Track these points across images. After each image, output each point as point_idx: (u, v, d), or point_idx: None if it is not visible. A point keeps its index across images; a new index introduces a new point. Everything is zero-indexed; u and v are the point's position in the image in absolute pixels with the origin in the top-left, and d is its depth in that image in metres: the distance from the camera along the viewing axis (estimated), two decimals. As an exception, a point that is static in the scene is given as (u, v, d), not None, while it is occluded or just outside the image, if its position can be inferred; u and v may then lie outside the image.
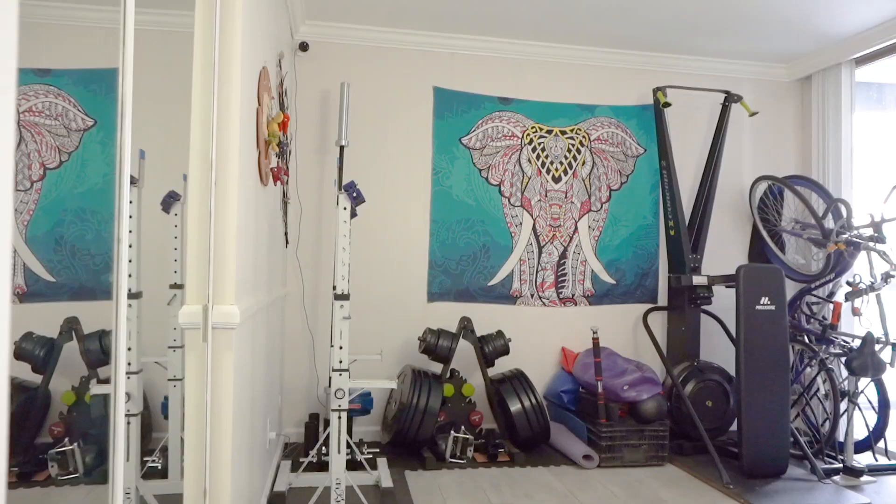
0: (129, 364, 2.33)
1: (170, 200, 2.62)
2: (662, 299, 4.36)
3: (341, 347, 2.65)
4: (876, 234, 3.58)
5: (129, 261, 2.34)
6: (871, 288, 3.54)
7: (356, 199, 2.60)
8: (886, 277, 3.52)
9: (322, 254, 3.95)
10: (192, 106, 1.92)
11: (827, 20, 3.73)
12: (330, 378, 2.73)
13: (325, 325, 3.95)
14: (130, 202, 2.34)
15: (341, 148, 3.56)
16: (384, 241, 4.03)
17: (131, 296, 2.33)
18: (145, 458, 2.73)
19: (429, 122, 4.09)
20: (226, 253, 1.96)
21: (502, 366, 4.12)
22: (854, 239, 3.60)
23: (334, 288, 2.67)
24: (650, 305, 4.35)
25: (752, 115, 4.17)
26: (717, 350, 4.38)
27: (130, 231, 2.30)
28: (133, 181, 2.35)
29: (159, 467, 2.75)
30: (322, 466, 3.27)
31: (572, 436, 3.75)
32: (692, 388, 3.79)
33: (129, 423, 2.31)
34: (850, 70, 4.15)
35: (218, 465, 1.95)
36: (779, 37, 4.00)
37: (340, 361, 2.65)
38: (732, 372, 4.05)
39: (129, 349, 2.30)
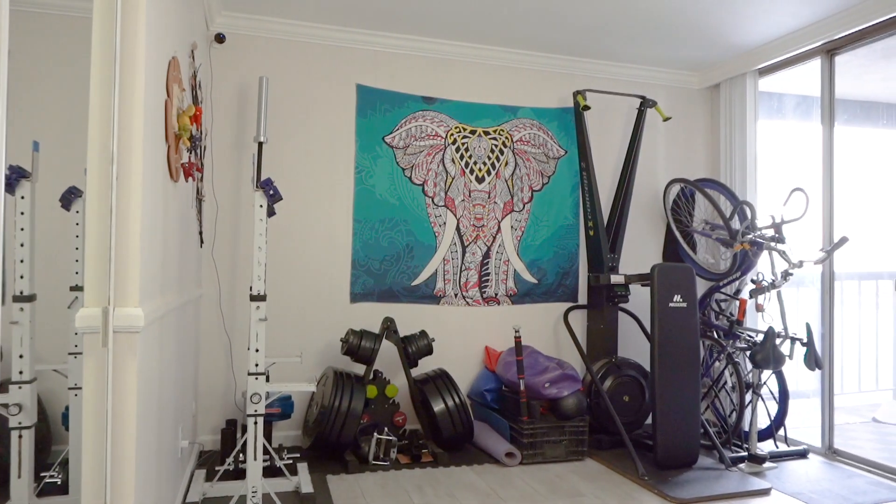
0: (20, 372, 2.15)
1: (70, 196, 2.45)
2: (582, 298, 4.47)
3: (258, 350, 2.56)
4: (777, 235, 3.80)
5: (21, 261, 2.17)
6: (773, 285, 3.76)
7: (273, 196, 2.51)
8: (786, 275, 3.74)
9: (239, 254, 3.81)
10: (91, 95, 1.80)
11: (734, 32, 3.93)
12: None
13: (243, 327, 3.82)
14: (22, 198, 2.17)
15: (259, 144, 3.44)
16: (305, 241, 3.94)
17: (23, 298, 2.16)
18: (43, 474, 2.54)
19: (351, 119, 4.02)
20: (129, 252, 1.84)
21: (426, 366, 4.11)
22: (757, 239, 3.80)
23: (251, 289, 2.58)
24: (571, 304, 4.45)
25: (666, 119, 4.35)
26: (634, 346, 4.54)
27: (22, 229, 2.13)
28: (25, 175, 2.18)
29: (59, 482, 2.57)
30: (239, 474, 3.15)
31: (495, 434, 3.78)
32: (610, 384, 3.91)
33: (21, 436, 2.14)
34: (754, 80, 4.39)
35: (120, 477, 1.83)
36: (691, 46, 4.19)
37: (257, 365, 2.56)
38: (648, 367, 4.21)
39: (21, 356, 2.13)
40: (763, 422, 4.00)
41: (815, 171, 4.01)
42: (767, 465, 3.62)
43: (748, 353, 3.77)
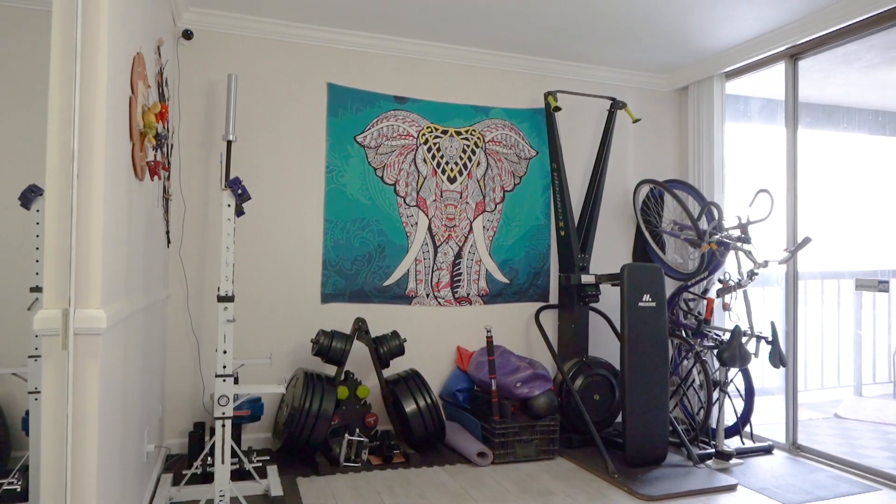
0: (-23, 376, 2.08)
1: (30, 195, 2.39)
2: (554, 298, 4.50)
3: (225, 352, 2.51)
4: (743, 235, 3.88)
5: (-23, 261, 2.09)
6: (739, 285, 3.83)
7: (241, 196, 2.47)
8: (751, 275, 3.81)
9: (207, 254, 3.75)
10: (50, 90, 1.75)
11: (701, 36, 4.00)
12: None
13: (211, 328, 3.75)
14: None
15: (228, 143, 3.40)
16: (276, 241, 3.89)
17: (-20, 300, 2.09)
18: (1, 481, 2.46)
19: (322, 118, 3.99)
20: (90, 252, 1.80)
21: (398, 366, 4.09)
22: (724, 239, 3.87)
23: (219, 290, 2.54)
24: (542, 304, 4.48)
25: (636, 121, 4.40)
26: (605, 346, 4.59)
27: (-22, 228, 2.06)
28: (-18, 172, 2.11)
29: (18, 490, 2.50)
30: (207, 478, 3.10)
31: (467, 434, 3.78)
32: (581, 383, 3.94)
33: (-23, 442, 2.07)
34: (721, 83, 4.47)
35: (81, 484, 1.79)
36: (659, 49, 4.24)
37: (224, 367, 2.52)
38: (618, 366, 4.25)
39: (-22, 360, 2.06)
40: (730, 419, 4.08)
41: (779, 173, 4.10)
42: (734, 461, 3.69)
43: (715, 351, 3.83)
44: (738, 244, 3.84)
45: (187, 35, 3.66)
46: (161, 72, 3.01)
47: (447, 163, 4.24)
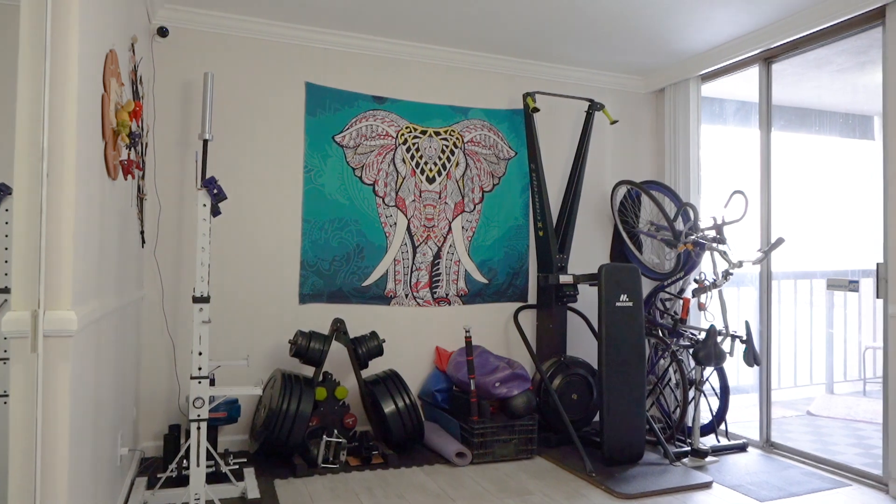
0: (-58, 380, 2.03)
1: (-1, 194, 2.34)
2: (532, 298, 4.52)
3: (201, 353, 2.48)
4: (718, 236, 3.93)
5: (-57, 262, 2.05)
6: (714, 285, 3.88)
7: (217, 195, 2.45)
8: (726, 275, 3.87)
9: (183, 254, 3.71)
10: (19, 87, 1.71)
11: (677, 39, 4.04)
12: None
13: (187, 329, 3.71)
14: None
15: (204, 142, 3.36)
16: (253, 242, 3.85)
17: (-54, 302, 2.04)
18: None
19: (300, 118, 3.96)
20: (60, 252, 1.76)
21: (377, 367, 4.08)
22: (700, 240, 3.92)
23: (194, 290, 2.50)
24: (521, 304, 4.49)
25: (613, 122, 4.44)
26: (583, 345, 4.62)
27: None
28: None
29: (-14, 495, 2.44)
30: (182, 481, 3.06)
31: (446, 434, 3.78)
32: (559, 383, 3.96)
33: (-57, 447, 2.02)
34: (696, 85, 4.53)
35: (52, 489, 1.75)
36: (637, 52, 4.28)
37: (200, 368, 2.49)
38: (596, 366, 4.28)
39: (-57, 363, 2.01)
40: (706, 417, 4.13)
41: (753, 175, 4.16)
42: (709, 459, 3.74)
43: (691, 350, 3.88)
44: (714, 245, 3.89)
45: (162, 32, 3.61)
46: (135, 69, 2.97)
47: (426, 163, 4.24)
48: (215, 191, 2.45)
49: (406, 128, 4.19)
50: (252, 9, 3.66)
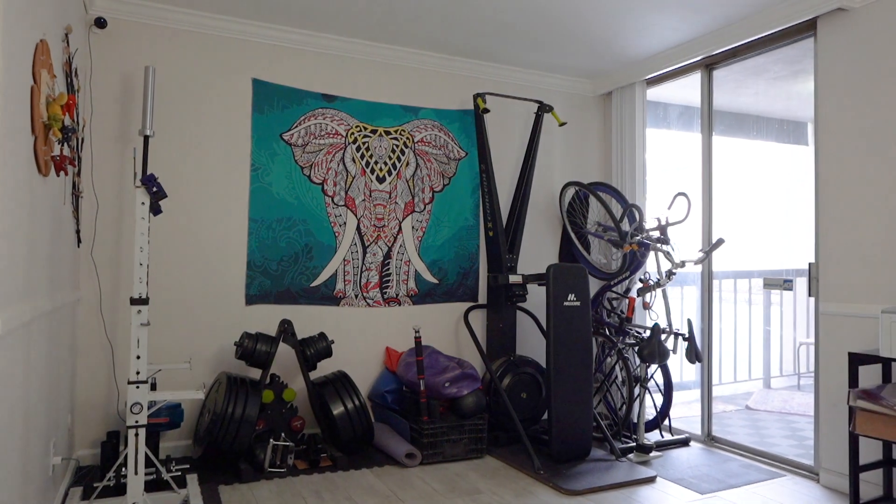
0: None
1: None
2: (482, 298, 4.54)
3: (139, 357, 2.40)
4: (662, 237, 4.03)
5: None
6: (658, 284, 3.98)
7: (156, 193, 2.36)
8: (669, 274, 3.97)
9: (123, 254, 3.57)
10: (-62, 77, 1.61)
11: (623, 44, 4.13)
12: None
13: (127, 333, 3.58)
14: None
15: (145, 138, 3.24)
16: (197, 241, 3.75)
17: None
18: None
19: (247, 115, 3.87)
20: (-16, 252, 1.67)
21: (326, 368, 4.03)
22: (645, 240, 4.02)
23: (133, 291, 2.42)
24: (471, 304, 4.51)
25: (562, 124, 4.50)
26: (532, 345, 4.67)
27: None
28: None
29: None
30: (120, 490, 2.95)
31: (396, 435, 3.76)
32: (508, 382, 3.99)
33: None
34: (642, 90, 4.63)
35: (-26, 501, 1.66)
36: (584, 55, 4.36)
37: (138, 372, 2.40)
38: (545, 364, 4.33)
39: None
40: (651, 413, 4.23)
41: (696, 177, 4.29)
42: (654, 454, 3.83)
43: (636, 348, 3.97)
44: (658, 245, 3.99)
45: (100, 23, 3.47)
46: (69, 61, 2.84)
47: (376, 162, 4.21)
48: (155, 189, 2.37)
49: (356, 127, 4.15)
50: (196, 1, 3.56)
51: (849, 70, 3.30)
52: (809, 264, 3.48)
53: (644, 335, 4.09)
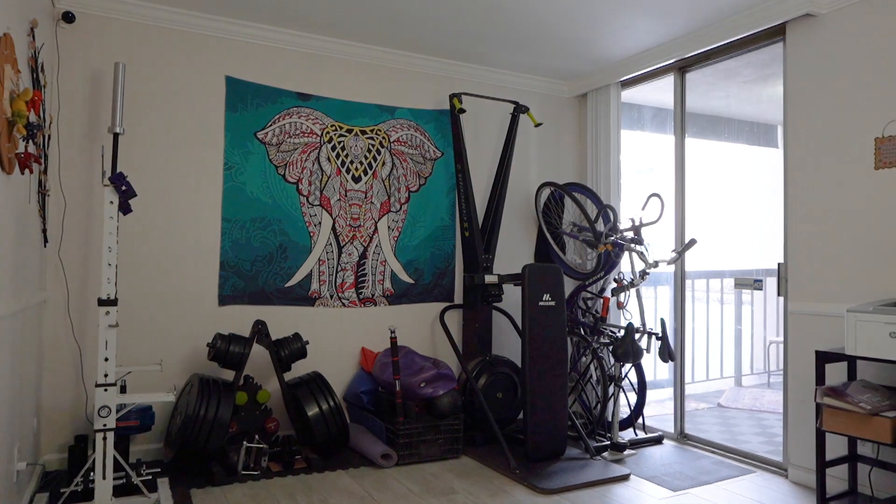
0: None
1: None
2: (458, 298, 4.54)
3: (107, 359, 2.35)
4: (636, 237, 4.07)
5: None
6: (632, 284, 4.02)
7: (126, 192, 2.32)
8: (643, 274, 4.01)
9: (91, 254, 3.50)
10: None
11: (598, 46, 4.16)
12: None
13: (96, 334, 3.50)
14: None
15: (115, 136, 3.18)
16: (169, 241, 3.68)
17: None
18: None
19: (220, 113, 3.82)
20: (-56, 252, 1.62)
21: (300, 369, 3.99)
22: (619, 241, 4.05)
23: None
24: (447, 304, 4.51)
25: (538, 125, 4.52)
26: (507, 344, 4.68)
27: None
28: None
29: None
30: (88, 495, 2.88)
31: (371, 436, 3.74)
32: (484, 382, 4.00)
33: None
34: (617, 91, 4.68)
35: (-66, 509, 1.61)
36: (560, 57, 4.38)
37: (106, 375, 2.35)
38: (520, 364, 4.35)
39: None
40: (625, 412, 4.27)
41: (669, 179, 4.34)
42: (628, 452, 3.87)
43: (611, 348, 4.00)
44: (632, 245, 4.03)
45: (68, 18, 3.39)
46: (35, 56, 2.77)
47: (352, 162, 4.18)
48: (124, 187, 2.33)
49: (331, 126, 4.12)
50: (167, -3, 3.50)
51: (816, 74, 3.36)
52: (779, 264, 3.54)
53: (618, 335, 4.12)
